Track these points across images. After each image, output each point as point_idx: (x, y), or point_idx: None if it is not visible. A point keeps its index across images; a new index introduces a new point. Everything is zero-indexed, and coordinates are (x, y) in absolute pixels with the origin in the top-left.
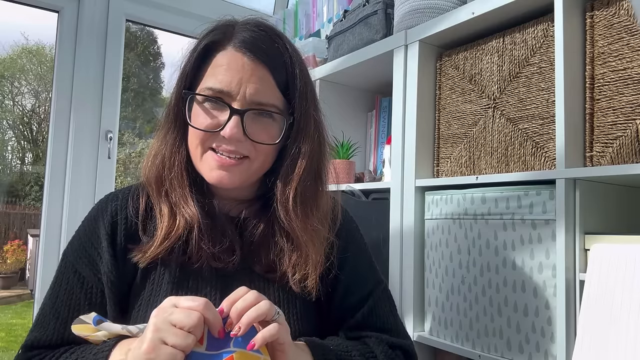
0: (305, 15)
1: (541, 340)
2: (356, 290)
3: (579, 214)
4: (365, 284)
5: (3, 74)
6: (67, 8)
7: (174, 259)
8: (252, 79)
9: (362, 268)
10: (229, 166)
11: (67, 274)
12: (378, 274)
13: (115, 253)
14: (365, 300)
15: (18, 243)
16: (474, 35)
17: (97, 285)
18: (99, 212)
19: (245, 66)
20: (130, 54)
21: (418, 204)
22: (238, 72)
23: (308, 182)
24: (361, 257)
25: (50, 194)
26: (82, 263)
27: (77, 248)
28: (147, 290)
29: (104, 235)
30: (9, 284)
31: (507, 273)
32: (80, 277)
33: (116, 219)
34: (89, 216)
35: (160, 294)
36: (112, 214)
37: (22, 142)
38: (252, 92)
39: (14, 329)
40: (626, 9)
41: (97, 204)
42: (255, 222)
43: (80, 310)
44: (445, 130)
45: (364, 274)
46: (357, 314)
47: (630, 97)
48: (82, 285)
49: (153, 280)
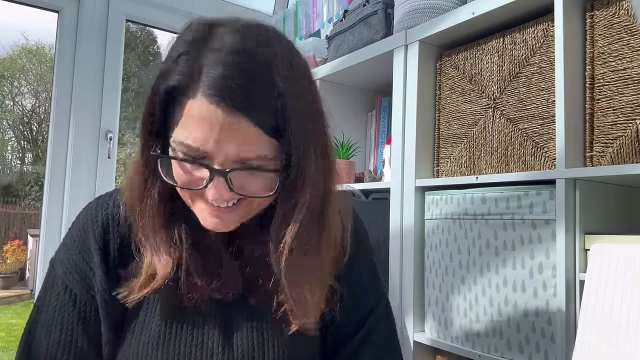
0: (305, 15)
1: (541, 340)
2: (357, 309)
3: (579, 214)
4: (367, 301)
5: (3, 74)
6: (67, 8)
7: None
8: (231, 137)
9: (366, 281)
10: (225, 214)
11: (57, 289)
12: (382, 285)
13: (108, 269)
14: (366, 318)
15: (18, 243)
16: (474, 35)
17: (91, 304)
18: (89, 221)
19: (221, 119)
20: (130, 54)
21: (418, 204)
22: (213, 129)
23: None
24: (364, 266)
25: (50, 194)
26: (73, 279)
27: (67, 262)
28: (142, 313)
29: (95, 250)
30: (9, 284)
31: (507, 273)
32: (71, 295)
33: (108, 232)
34: (77, 224)
35: (155, 319)
36: (104, 226)
37: (22, 142)
38: (234, 152)
39: (14, 329)
40: (626, 9)
41: (85, 210)
42: (250, 248)
43: (74, 330)
44: (445, 130)
45: (367, 289)
46: (355, 339)
47: (630, 97)
48: (75, 303)
49: (147, 309)
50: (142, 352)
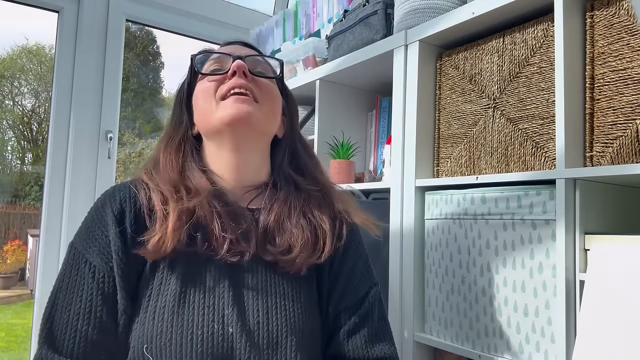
0: (305, 15)
1: (541, 340)
2: (352, 293)
3: (579, 214)
4: (360, 287)
5: (3, 74)
6: (67, 8)
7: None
8: (245, 51)
9: (360, 269)
10: (244, 100)
11: (77, 264)
12: (373, 275)
13: (125, 240)
14: (360, 303)
15: (18, 243)
16: (474, 35)
17: (109, 275)
18: (107, 199)
19: (237, 47)
20: (129, 53)
21: (418, 204)
22: (230, 48)
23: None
24: (360, 258)
25: (50, 194)
26: (93, 252)
27: (86, 237)
28: (157, 281)
29: (112, 222)
30: (9, 284)
31: (507, 273)
32: (91, 267)
33: (124, 206)
34: (95, 205)
35: (170, 285)
36: (121, 201)
37: (22, 142)
38: (247, 52)
39: (14, 329)
40: (626, 9)
41: (104, 193)
42: (268, 207)
43: (93, 302)
44: (445, 130)
45: (361, 274)
46: (350, 321)
47: (630, 97)
48: (94, 276)
49: (163, 270)
50: (158, 316)
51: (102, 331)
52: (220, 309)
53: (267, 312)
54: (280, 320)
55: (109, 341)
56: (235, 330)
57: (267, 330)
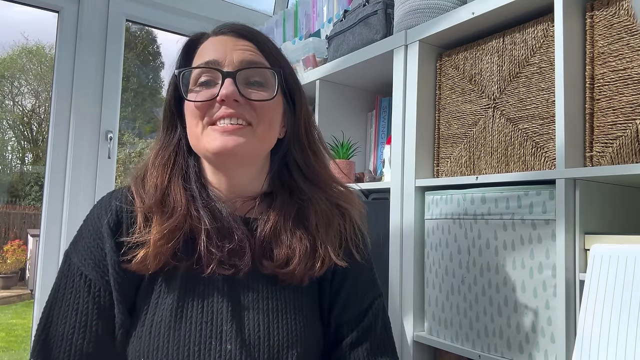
0: (305, 15)
1: (541, 340)
2: (355, 304)
3: (579, 214)
4: (364, 299)
5: (3, 74)
6: (67, 8)
7: (181, 264)
8: (237, 47)
9: (364, 279)
10: (232, 131)
11: (73, 276)
12: (378, 285)
13: (121, 252)
14: (364, 315)
15: (18, 243)
16: (474, 35)
17: (105, 288)
18: (102, 209)
19: (229, 41)
20: (129, 53)
21: (418, 204)
22: (222, 46)
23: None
24: (365, 267)
25: (50, 194)
26: (88, 265)
27: (82, 249)
28: (155, 294)
29: (108, 234)
30: (9, 284)
31: (507, 273)
32: (86, 280)
33: (121, 216)
34: (91, 215)
35: (167, 299)
36: (117, 212)
37: (22, 142)
38: (240, 57)
39: (14, 329)
40: (626, 9)
41: (99, 201)
42: (265, 217)
43: (89, 315)
44: (445, 130)
45: (366, 285)
46: (353, 333)
47: (630, 97)
48: (90, 289)
49: (161, 283)
50: (155, 330)
51: (98, 345)
52: (219, 324)
53: (268, 327)
54: (282, 334)
55: (104, 355)
56: (234, 347)
57: (267, 345)
